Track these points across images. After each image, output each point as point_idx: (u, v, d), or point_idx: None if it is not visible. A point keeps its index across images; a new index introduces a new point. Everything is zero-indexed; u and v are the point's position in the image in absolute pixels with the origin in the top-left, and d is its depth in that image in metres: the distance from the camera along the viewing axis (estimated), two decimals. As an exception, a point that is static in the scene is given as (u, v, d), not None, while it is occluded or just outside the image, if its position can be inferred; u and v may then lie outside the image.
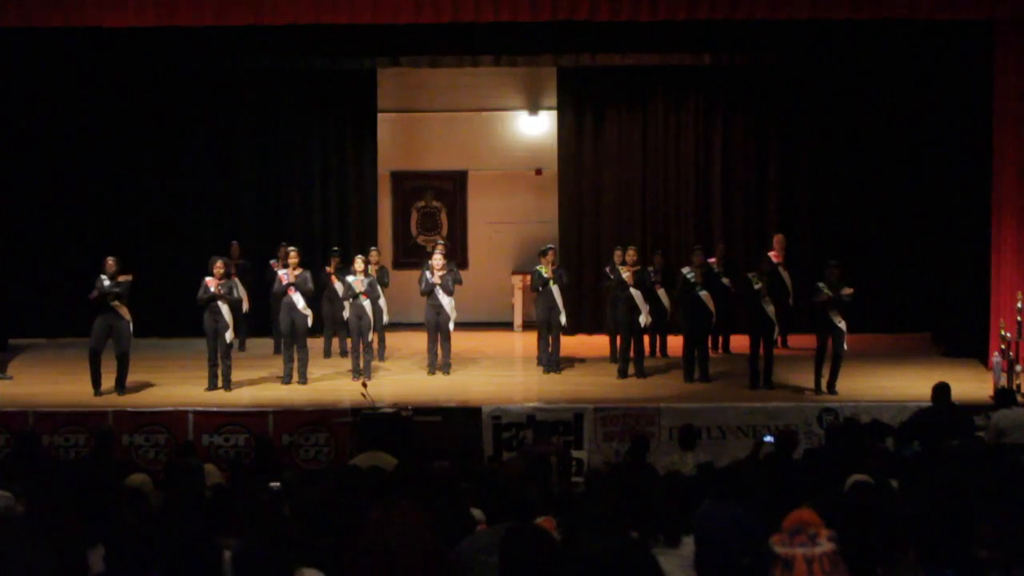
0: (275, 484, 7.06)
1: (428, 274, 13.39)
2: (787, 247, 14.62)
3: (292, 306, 12.88)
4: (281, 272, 13.17)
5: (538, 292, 13.56)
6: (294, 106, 16.65)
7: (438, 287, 13.27)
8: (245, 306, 14.35)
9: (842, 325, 12.18)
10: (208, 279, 12.47)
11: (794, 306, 13.99)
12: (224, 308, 12.44)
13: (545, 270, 13.44)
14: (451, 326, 13.43)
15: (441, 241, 15.37)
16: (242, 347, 14.74)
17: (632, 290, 13.22)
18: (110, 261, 12.30)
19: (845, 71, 15.84)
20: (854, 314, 12.64)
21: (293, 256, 13.06)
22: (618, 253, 13.88)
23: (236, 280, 13.38)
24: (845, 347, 12.23)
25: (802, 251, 15.46)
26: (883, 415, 10.88)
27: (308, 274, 13.14)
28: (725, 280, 14.03)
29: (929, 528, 4.08)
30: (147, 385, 12.81)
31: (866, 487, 5.73)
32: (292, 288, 12.87)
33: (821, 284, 12.28)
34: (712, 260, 13.99)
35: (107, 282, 12.20)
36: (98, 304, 12.22)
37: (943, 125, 14.87)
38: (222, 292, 12.41)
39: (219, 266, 12.54)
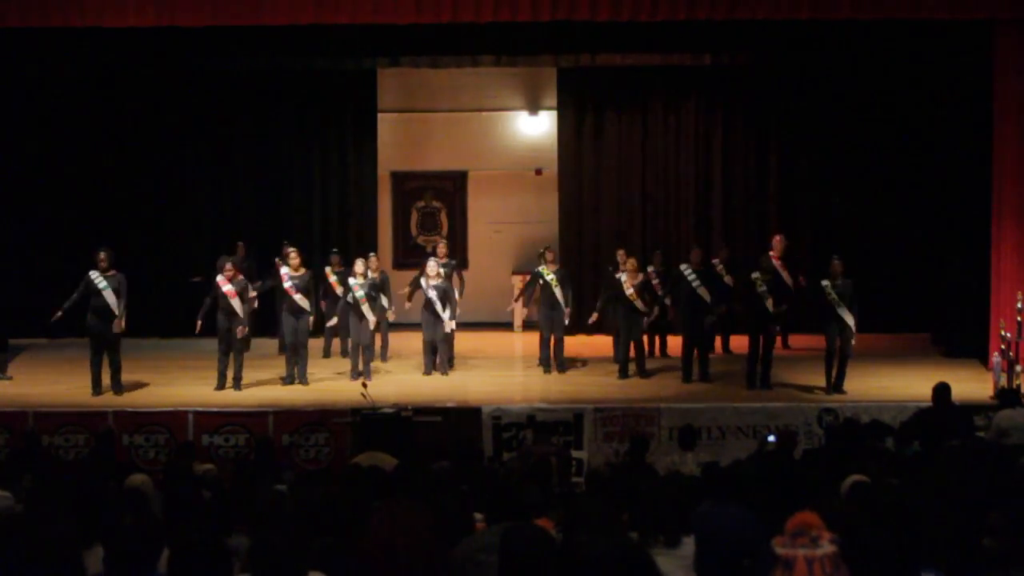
0: (282, 487, 7.04)
1: (422, 281, 13.34)
2: (786, 247, 14.56)
3: (294, 306, 12.88)
4: (283, 271, 13.13)
5: (530, 292, 13.64)
6: (294, 106, 16.65)
7: (433, 294, 13.22)
8: (254, 303, 14.36)
9: (851, 322, 12.13)
10: (220, 279, 12.49)
11: (792, 308, 13.92)
12: (236, 304, 12.44)
13: (546, 271, 13.43)
14: (448, 329, 13.32)
15: (442, 241, 15.22)
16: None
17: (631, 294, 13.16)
18: (102, 255, 12.25)
19: (845, 71, 15.83)
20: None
21: (294, 257, 13.04)
22: (621, 253, 13.91)
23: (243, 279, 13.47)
24: (853, 343, 12.17)
25: (802, 251, 15.45)
26: (883, 415, 10.86)
27: (309, 274, 13.15)
28: (727, 279, 14.00)
29: (932, 528, 4.08)
30: (147, 385, 12.81)
31: (864, 487, 5.73)
32: (293, 288, 12.88)
33: (826, 283, 12.26)
34: (715, 260, 13.96)
35: (101, 283, 12.17)
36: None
37: (943, 125, 14.87)
38: (238, 291, 12.45)
39: (228, 268, 12.56)
